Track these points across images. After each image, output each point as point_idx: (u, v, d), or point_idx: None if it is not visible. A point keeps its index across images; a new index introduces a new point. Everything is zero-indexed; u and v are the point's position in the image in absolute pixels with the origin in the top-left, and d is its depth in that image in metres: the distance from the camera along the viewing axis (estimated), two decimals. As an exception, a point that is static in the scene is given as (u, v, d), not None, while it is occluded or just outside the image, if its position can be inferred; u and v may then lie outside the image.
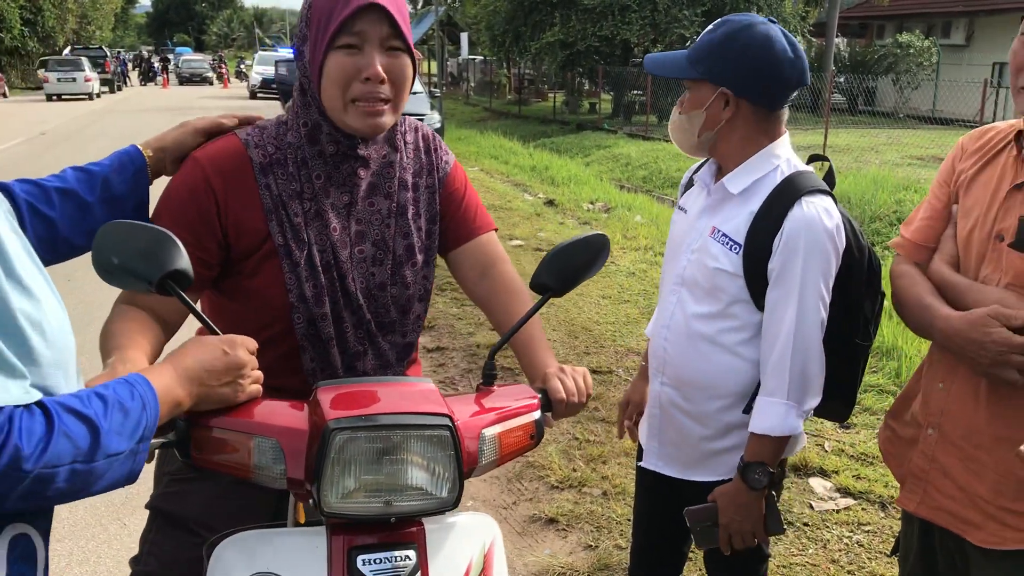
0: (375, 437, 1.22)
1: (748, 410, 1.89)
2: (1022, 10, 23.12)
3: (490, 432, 1.36)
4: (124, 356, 1.34)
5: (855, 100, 23.41)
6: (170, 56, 57.41)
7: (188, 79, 48.99)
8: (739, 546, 1.90)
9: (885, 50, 25.19)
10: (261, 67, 35.91)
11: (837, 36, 26.19)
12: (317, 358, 1.60)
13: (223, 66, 49.62)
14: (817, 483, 3.68)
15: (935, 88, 23.49)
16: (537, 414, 1.44)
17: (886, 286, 1.94)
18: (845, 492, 3.61)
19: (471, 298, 1.80)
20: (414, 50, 1.56)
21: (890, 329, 5.42)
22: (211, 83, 48.99)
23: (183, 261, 1.26)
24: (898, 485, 3.60)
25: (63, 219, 1.47)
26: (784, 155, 1.90)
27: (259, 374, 1.32)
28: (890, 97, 24.11)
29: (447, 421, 1.25)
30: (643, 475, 2.15)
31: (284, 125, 1.59)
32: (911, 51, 23.89)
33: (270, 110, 27.27)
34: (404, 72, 1.52)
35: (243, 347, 1.29)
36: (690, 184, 2.09)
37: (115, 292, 1.47)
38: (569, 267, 1.50)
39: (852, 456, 3.92)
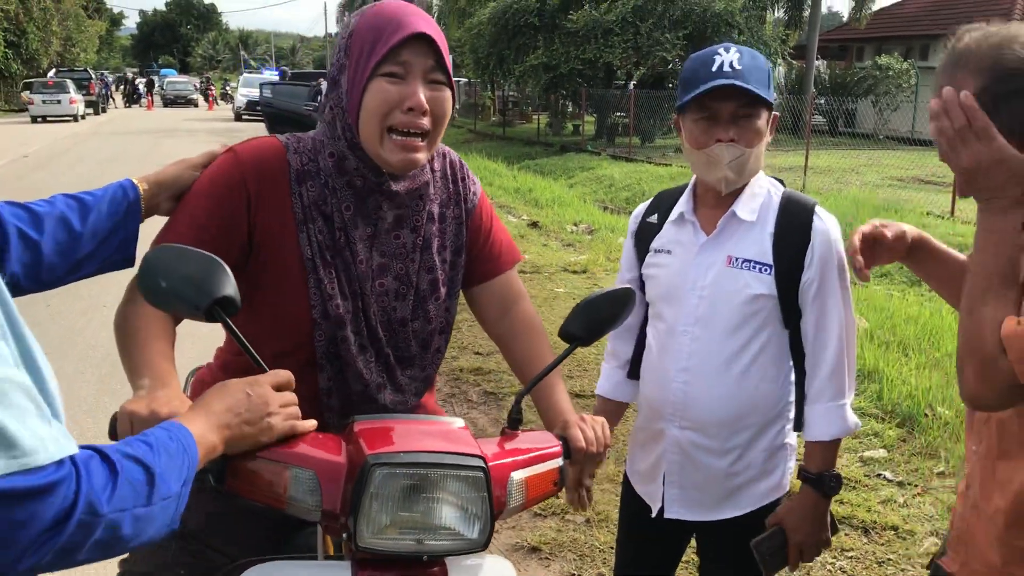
0: (413, 475, 1.23)
1: (799, 427, 1.95)
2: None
3: (518, 476, 1.37)
4: (159, 377, 1.34)
5: (835, 122, 23.62)
6: (155, 78, 57.34)
7: (173, 101, 48.98)
8: (810, 559, 1.93)
9: (864, 72, 25.49)
10: (246, 89, 35.96)
11: (817, 59, 26.48)
12: (334, 378, 1.57)
13: (211, 87, 49.59)
14: (799, 508, 3.69)
15: (914, 110, 23.76)
16: (560, 460, 1.46)
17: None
18: (827, 516, 3.62)
19: (489, 335, 1.79)
20: (453, 84, 1.54)
21: (871, 352, 5.46)
22: (196, 105, 48.98)
23: (231, 287, 1.27)
24: (880, 509, 3.63)
25: (50, 247, 1.43)
26: (763, 175, 1.95)
27: (293, 409, 1.29)
28: (870, 119, 24.35)
29: (481, 463, 1.26)
30: (648, 524, 2.07)
31: (319, 144, 1.56)
32: (890, 73, 24.18)
33: (255, 132, 27.29)
34: (445, 106, 1.51)
35: (267, 385, 1.27)
36: (651, 225, 2.03)
37: (97, 319, 1.47)
38: (596, 318, 1.52)
39: (834, 480, 3.93)
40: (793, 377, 1.95)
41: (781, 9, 26.28)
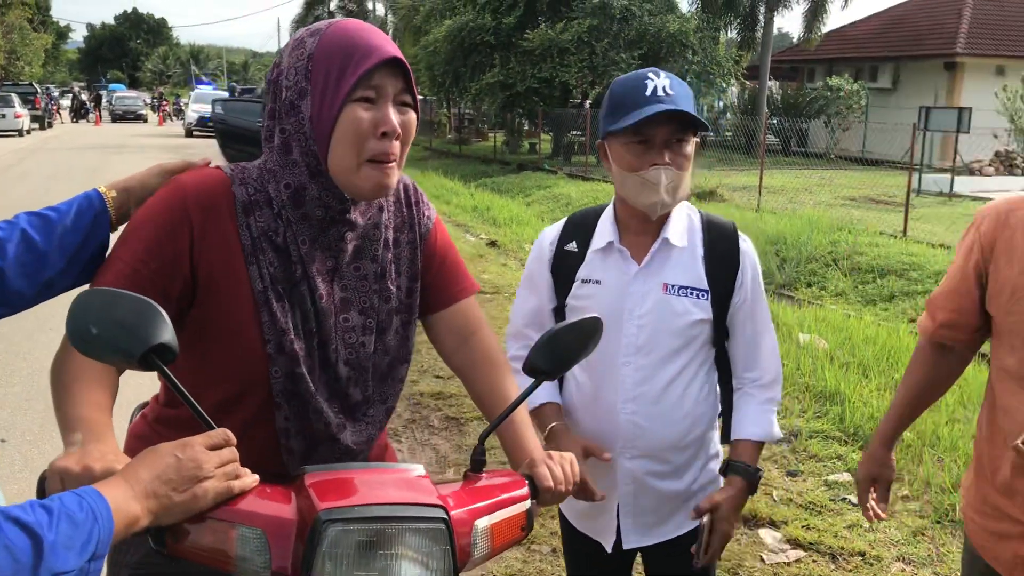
0: (369, 530, 1.15)
1: (725, 439, 2.02)
2: (943, 56, 24.09)
3: (483, 524, 1.30)
4: (93, 431, 1.24)
5: (788, 141, 23.99)
6: (103, 92, 56.39)
7: (122, 116, 48.15)
8: (723, 545, 1.93)
9: (816, 93, 25.92)
10: (197, 105, 35.56)
11: (770, 79, 26.91)
12: (293, 417, 1.47)
13: (164, 103, 48.77)
14: (767, 534, 3.65)
15: (864, 130, 24.20)
16: (528, 503, 1.38)
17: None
18: (795, 543, 3.59)
19: (448, 365, 1.71)
20: (419, 106, 1.49)
21: (832, 373, 5.47)
22: (145, 120, 48.23)
23: (168, 333, 1.17)
24: (846, 535, 3.61)
25: (16, 269, 1.36)
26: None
27: (231, 468, 1.19)
28: (821, 139, 24.74)
29: (442, 513, 1.19)
30: (602, 560, 2.05)
31: (267, 174, 1.47)
32: (841, 94, 24.62)
33: (207, 148, 26.91)
34: (412, 129, 1.46)
35: (200, 446, 1.17)
36: (571, 254, 1.99)
37: (43, 342, 1.37)
38: (562, 350, 1.45)
39: (800, 505, 3.90)
40: (718, 390, 2.03)
41: (734, 30, 26.69)
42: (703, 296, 1.90)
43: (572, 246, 1.99)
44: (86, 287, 1.35)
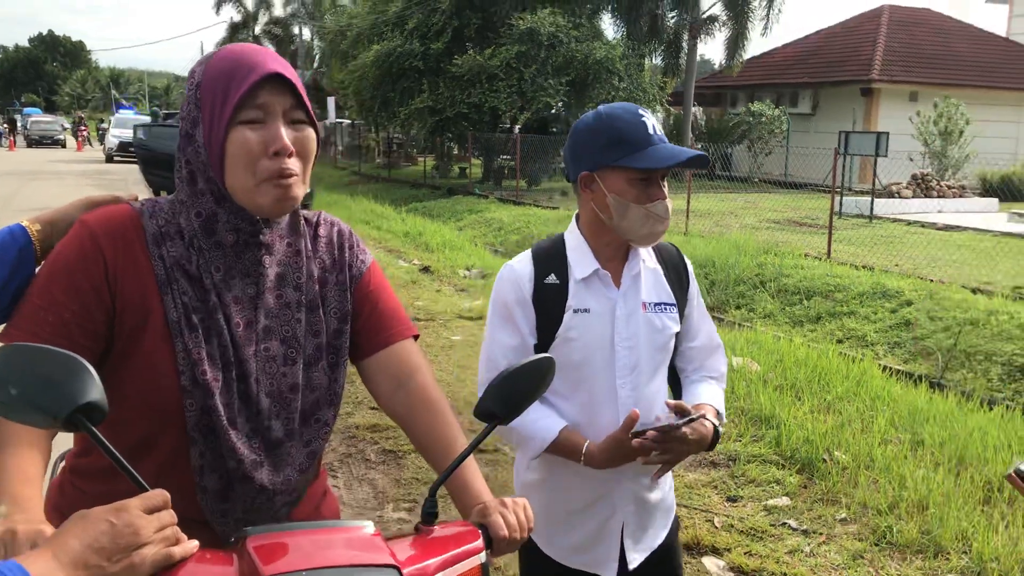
0: None
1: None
2: (860, 82, 24.91)
3: None
4: (18, 502, 1.17)
5: (713, 166, 24.48)
6: (17, 117, 54.65)
7: (38, 141, 46.69)
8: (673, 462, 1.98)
9: (739, 118, 26.53)
10: (118, 130, 34.78)
11: (694, 105, 27.43)
12: (207, 453, 1.41)
13: (83, 127, 47.35)
14: (710, 562, 3.65)
15: (786, 154, 24.84)
16: (483, 556, 1.32)
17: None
18: (738, 570, 3.59)
19: (386, 412, 1.64)
20: (316, 122, 1.46)
21: (766, 396, 5.53)
22: (64, 145, 46.87)
23: (97, 391, 1.09)
24: (788, 560, 3.62)
25: None
26: None
27: (170, 532, 1.11)
28: (745, 163, 25.33)
29: (395, 574, 1.13)
30: None
31: (179, 205, 1.44)
32: (763, 119, 25.23)
33: (128, 174, 26.26)
34: (309, 145, 1.42)
35: (136, 510, 1.08)
36: (554, 287, 1.99)
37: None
38: (515, 392, 1.42)
39: (741, 531, 3.91)
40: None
41: (658, 57, 27.18)
42: (672, 309, 2.05)
43: (552, 279, 2.00)
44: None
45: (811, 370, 6.24)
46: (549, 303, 1.99)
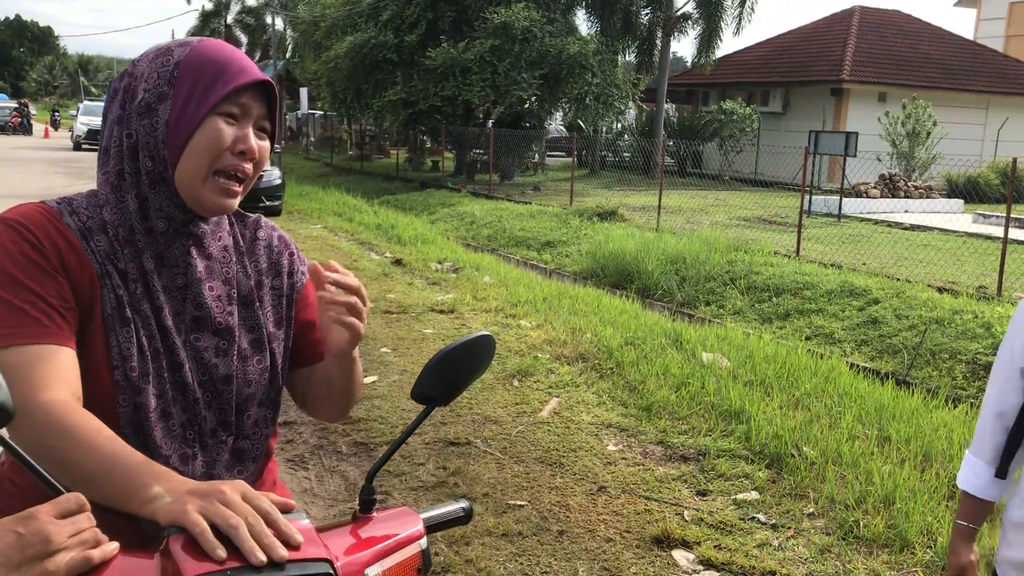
0: None
1: None
2: (830, 82, 25.14)
3: (374, 571, 1.20)
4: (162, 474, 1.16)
5: (684, 163, 24.63)
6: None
7: (1, 128, 45.91)
8: None
9: (711, 116, 26.71)
10: (86, 117, 34.30)
11: (666, 102, 27.56)
12: (140, 449, 1.33)
13: (19, 114, 45.63)
14: (680, 555, 3.68)
15: (756, 152, 25.05)
16: (424, 542, 1.30)
17: None
18: (708, 564, 3.62)
19: (296, 402, 1.67)
20: (275, 135, 1.49)
21: (736, 391, 5.58)
22: (30, 133, 46.09)
23: (1, 392, 1.04)
24: (756, 554, 3.66)
25: None
26: None
27: (87, 535, 1.05)
28: (716, 160, 25.51)
29: (327, 568, 1.08)
30: None
31: (96, 198, 1.41)
32: (734, 117, 25.41)
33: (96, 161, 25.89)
34: (265, 155, 1.45)
35: (46, 516, 1.03)
36: None
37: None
38: (454, 373, 1.38)
39: (711, 525, 3.95)
40: None
41: (632, 54, 27.27)
42: None
43: None
44: None
45: (780, 366, 6.30)
46: None
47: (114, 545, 1.07)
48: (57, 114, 52.01)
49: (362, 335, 1.40)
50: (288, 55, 42.60)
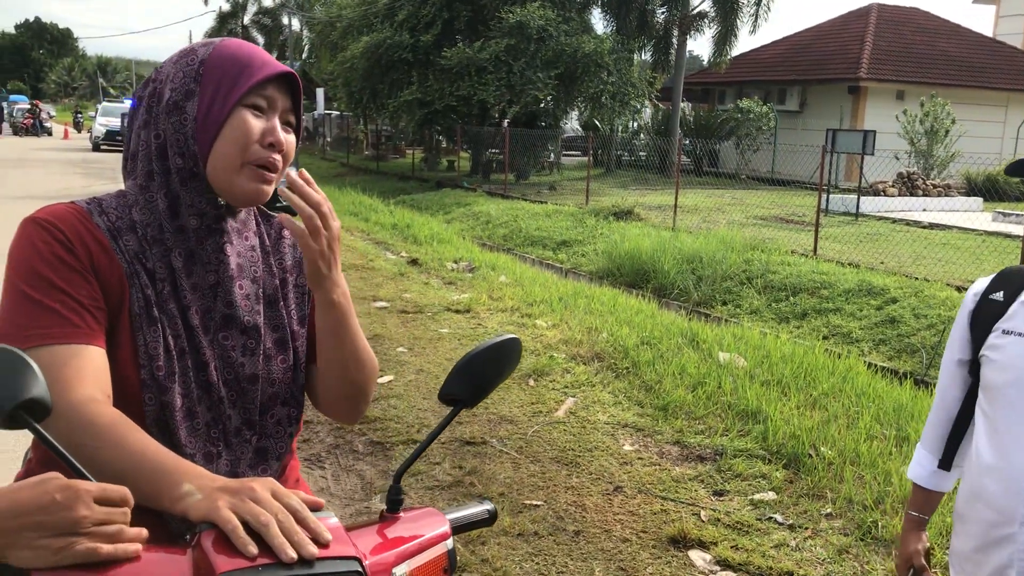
0: None
1: None
2: (847, 80, 24.99)
3: (401, 571, 1.21)
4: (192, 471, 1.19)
5: (700, 162, 24.54)
6: (3, 104, 54.11)
7: (16, 129, 46.26)
8: None
9: (727, 115, 26.59)
10: (105, 118, 34.53)
11: (682, 101, 27.47)
12: (166, 446, 1.34)
13: (32, 116, 45.48)
14: (697, 556, 3.67)
15: (773, 151, 24.93)
16: (450, 543, 1.30)
17: None
18: (725, 564, 3.61)
19: (312, 402, 1.63)
20: (300, 129, 1.50)
21: (753, 391, 5.55)
22: (50, 133, 46.44)
23: (39, 387, 1.06)
24: (774, 554, 3.64)
25: None
26: None
27: (112, 529, 1.04)
28: (732, 159, 25.40)
29: (357, 566, 1.08)
30: None
31: (125, 198, 1.42)
32: (751, 116, 25.29)
33: (116, 162, 26.09)
34: (292, 148, 1.46)
35: (82, 492, 1.03)
36: (995, 304, 1.92)
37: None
38: (481, 375, 1.39)
39: (728, 525, 3.93)
40: None
41: (648, 52, 27.19)
42: None
43: (998, 295, 1.93)
44: None
45: (797, 366, 6.27)
46: (984, 320, 1.92)
47: (135, 546, 1.06)
48: (80, 116, 52.57)
49: (328, 263, 1.35)
50: (304, 56, 42.79)
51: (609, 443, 4.88)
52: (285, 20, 45.30)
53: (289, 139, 1.45)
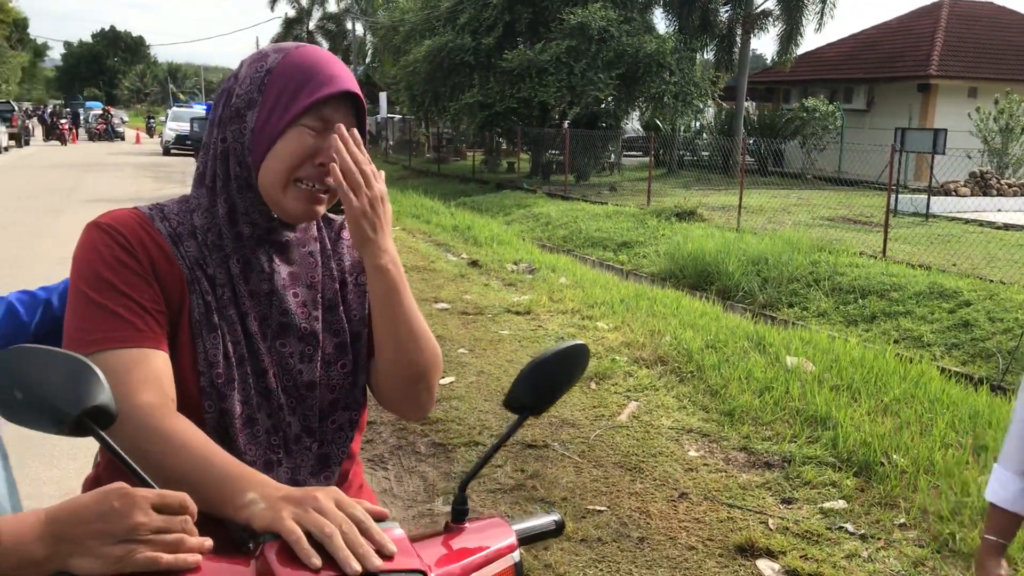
0: None
1: None
2: (917, 78, 24.37)
3: None
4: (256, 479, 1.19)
5: (765, 162, 24.15)
6: (80, 110, 55.83)
7: (90, 135, 47.73)
8: None
9: (792, 114, 26.15)
10: (175, 123, 35.42)
11: (746, 100, 27.09)
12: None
13: (104, 121, 46.74)
14: (765, 565, 3.58)
15: (840, 150, 24.42)
16: (517, 555, 1.27)
17: None
18: (794, 574, 3.51)
19: (376, 398, 1.58)
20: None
21: (822, 396, 5.42)
22: (122, 138, 47.77)
23: (105, 395, 1.06)
24: (845, 565, 3.54)
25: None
26: None
27: (171, 538, 1.03)
28: (798, 159, 24.95)
29: None
30: None
31: (188, 203, 1.43)
32: (817, 115, 24.82)
33: (185, 166, 26.71)
34: None
35: (140, 499, 1.03)
36: None
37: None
38: (547, 382, 1.36)
39: (797, 534, 3.83)
40: None
41: (710, 51, 26.89)
42: None
43: None
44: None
45: (867, 371, 6.11)
46: None
47: (196, 557, 1.05)
48: (152, 121, 54.12)
49: (372, 224, 1.35)
50: (368, 60, 43.26)
51: (673, 448, 4.81)
52: (349, 25, 45.91)
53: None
